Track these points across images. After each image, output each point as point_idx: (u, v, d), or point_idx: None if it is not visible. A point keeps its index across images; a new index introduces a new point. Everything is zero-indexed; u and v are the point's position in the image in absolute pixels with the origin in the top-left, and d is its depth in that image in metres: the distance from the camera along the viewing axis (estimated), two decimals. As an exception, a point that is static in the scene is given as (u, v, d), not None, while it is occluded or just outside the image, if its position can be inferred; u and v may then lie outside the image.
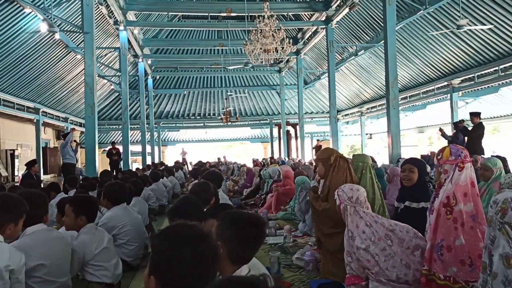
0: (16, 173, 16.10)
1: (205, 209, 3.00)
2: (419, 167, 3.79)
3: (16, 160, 16.48)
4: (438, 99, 15.76)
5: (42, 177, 15.17)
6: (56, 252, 2.88)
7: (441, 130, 11.07)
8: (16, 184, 10.41)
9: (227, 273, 1.82)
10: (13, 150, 16.52)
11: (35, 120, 16.79)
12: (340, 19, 15.19)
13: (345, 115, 23.57)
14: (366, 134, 22.82)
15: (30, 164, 10.08)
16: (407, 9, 12.67)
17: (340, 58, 18.39)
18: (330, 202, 3.73)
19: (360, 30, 16.33)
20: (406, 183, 3.80)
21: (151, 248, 1.39)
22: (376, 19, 14.79)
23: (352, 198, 3.07)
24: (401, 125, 10.41)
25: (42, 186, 8.18)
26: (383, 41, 10.69)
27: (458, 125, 10.60)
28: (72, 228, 3.35)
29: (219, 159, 22.04)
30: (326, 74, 16.99)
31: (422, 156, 11.47)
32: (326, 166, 3.91)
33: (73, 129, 13.55)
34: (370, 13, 14.80)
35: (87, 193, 4.94)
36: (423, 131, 22.41)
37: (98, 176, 8.70)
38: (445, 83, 14.34)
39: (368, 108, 21.02)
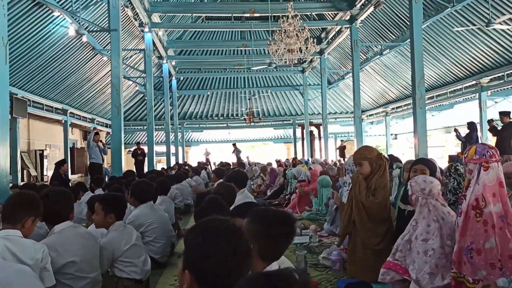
0: (45, 173, 16.49)
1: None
2: (430, 168, 3.71)
3: (45, 160, 16.88)
4: (466, 99, 15.43)
5: (70, 177, 15.49)
6: (85, 248, 2.92)
7: (456, 130, 10.88)
8: (45, 183, 10.65)
9: (258, 269, 1.81)
10: (42, 151, 16.92)
11: (63, 121, 17.16)
12: (364, 18, 15.02)
13: (370, 115, 23.31)
14: (391, 134, 22.52)
15: (60, 164, 10.29)
16: (434, 7, 12.44)
17: (365, 57, 18.19)
18: (379, 198, 3.68)
19: (385, 29, 16.13)
20: None
21: (184, 243, 1.39)
22: (402, 18, 14.58)
23: (424, 190, 3.01)
24: (428, 125, 10.22)
25: (69, 185, 8.34)
26: (409, 40, 10.51)
27: (471, 125, 10.42)
28: (101, 226, 3.41)
29: (242, 160, 22.09)
30: (350, 74, 16.85)
31: (450, 156, 11.24)
32: (373, 165, 3.82)
33: (95, 129, 13.76)
34: (396, 12, 14.59)
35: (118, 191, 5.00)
36: (450, 131, 21.96)
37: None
38: (473, 82, 14.03)
39: (393, 108, 20.73)
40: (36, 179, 15.54)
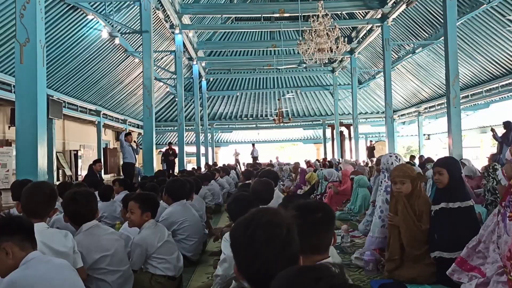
0: (79, 173, 16.91)
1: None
2: (448, 167, 3.59)
3: (79, 160, 17.31)
4: (502, 98, 14.96)
5: (103, 176, 15.82)
6: (112, 243, 3.00)
7: (492, 130, 10.52)
8: (80, 182, 10.89)
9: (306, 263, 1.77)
10: (76, 151, 17.35)
11: (96, 122, 17.55)
12: (396, 16, 14.75)
13: (402, 115, 22.90)
14: (424, 134, 22.05)
15: (94, 163, 10.53)
16: (469, 4, 12.11)
17: (396, 56, 17.88)
18: (424, 225, 3.62)
19: (418, 27, 15.80)
20: (438, 185, 3.65)
21: (229, 236, 1.38)
22: (435, 15, 14.24)
23: None
24: (462, 125, 9.94)
25: (103, 183, 8.48)
26: (442, 38, 10.28)
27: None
28: (137, 224, 3.46)
29: (271, 161, 22.04)
30: (382, 73, 16.60)
31: (491, 155, 10.84)
32: (414, 183, 3.73)
33: (125, 130, 13.99)
34: (429, 9, 14.28)
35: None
36: (486, 132, 21.31)
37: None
38: (510, 80, 13.58)
39: (426, 108, 20.30)
40: (71, 179, 15.94)
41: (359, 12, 16.84)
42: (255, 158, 21.94)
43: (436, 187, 3.86)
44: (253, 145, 23.35)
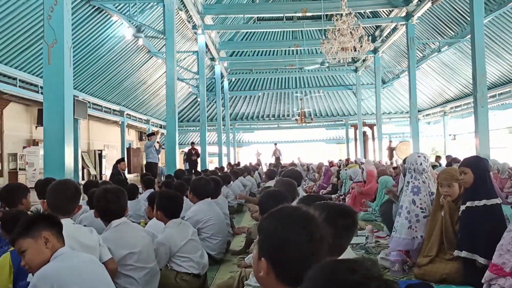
0: (103, 172, 17.18)
1: None
2: (471, 166, 3.55)
3: (103, 160, 17.59)
4: (532, 97, 14.56)
5: (126, 175, 16.03)
6: (140, 240, 3.03)
7: None
8: (106, 180, 11.07)
9: None
10: (101, 151, 17.64)
11: (120, 122, 17.80)
12: (421, 14, 14.50)
13: (426, 115, 22.53)
14: (450, 135, 21.64)
15: (118, 161, 10.70)
16: (497, 1, 11.82)
17: (421, 55, 17.60)
18: None
19: (444, 25, 15.51)
20: (464, 185, 3.60)
21: (258, 232, 1.38)
22: (462, 13, 13.96)
23: None
24: (490, 125, 9.70)
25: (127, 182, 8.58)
26: (469, 36, 10.07)
27: None
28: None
29: (293, 161, 21.93)
30: (406, 73, 16.37)
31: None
32: (461, 187, 3.74)
33: (157, 132, 14.16)
34: (455, 7, 14.00)
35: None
36: (514, 131, 20.78)
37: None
38: (540, 78, 13.20)
39: (452, 108, 19.93)
40: (95, 178, 16.20)
41: (383, 11, 16.63)
42: (277, 159, 21.86)
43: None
44: (275, 145, 23.22)
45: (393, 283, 0.92)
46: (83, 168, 15.53)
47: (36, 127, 13.52)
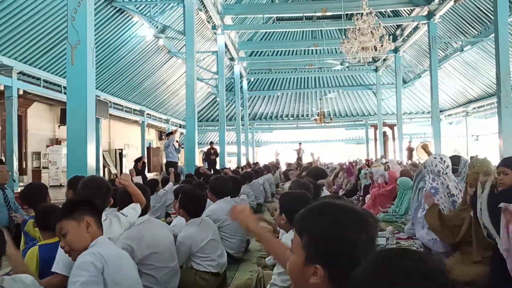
0: (123, 171, 17.39)
1: None
2: None
3: (124, 159, 17.81)
4: (558, 97, 14.16)
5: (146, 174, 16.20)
6: (164, 239, 3.04)
7: None
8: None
9: None
10: (121, 150, 17.87)
11: (140, 122, 17.99)
12: (443, 13, 14.28)
13: (448, 115, 22.18)
14: (472, 135, 21.25)
15: (137, 160, 10.83)
16: (522, -2, 11.56)
17: (443, 54, 17.33)
18: None
19: (466, 24, 15.24)
20: (501, 187, 3.43)
21: (307, 234, 1.22)
22: (485, 11, 13.70)
23: None
24: (514, 125, 9.49)
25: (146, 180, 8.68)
26: (493, 35, 9.87)
27: None
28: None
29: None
30: (427, 72, 16.14)
31: None
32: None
33: (175, 131, 14.27)
34: (478, 5, 13.75)
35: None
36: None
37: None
38: None
39: (474, 108, 19.57)
40: (116, 176, 16.39)
41: (404, 10, 16.43)
42: (299, 158, 21.70)
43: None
44: (300, 144, 22.87)
45: (458, 284, 0.89)
46: (104, 167, 15.75)
47: (59, 126, 13.77)
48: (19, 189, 8.12)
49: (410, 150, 20.16)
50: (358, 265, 0.99)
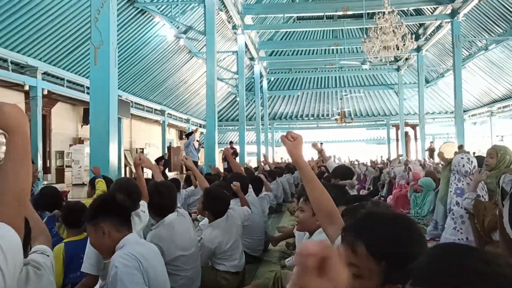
0: (144, 170, 17.54)
1: None
2: None
3: (145, 158, 17.97)
4: None
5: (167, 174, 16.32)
6: (190, 241, 3.04)
7: None
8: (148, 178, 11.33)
9: None
10: (142, 149, 18.03)
11: (161, 121, 18.15)
12: (467, 12, 14.00)
13: (472, 115, 21.75)
14: (497, 136, 20.79)
15: (159, 160, 10.93)
16: (549, -5, 11.27)
17: (467, 53, 17.00)
18: None
19: (491, 22, 14.92)
20: None
21: (364, 244, 1.17)
22: (510, 9, 13.39)
23: None
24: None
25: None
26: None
27: None
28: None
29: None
30: (451, 71, 15.87)
31: None
32: None
33: (196, 130, 14.34)
34: (503, 3, 13.46)
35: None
36: None
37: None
38: None
39: (499, 108, 19.15)
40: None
41: (427, 8, 16.18)
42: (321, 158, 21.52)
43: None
44: (321, 144, 22.70)
45: None
46: (125, 166, 15.94)
47: (81, 125, 13.97)
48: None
49: (431, 151, 19.85)
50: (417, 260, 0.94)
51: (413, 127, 21.29)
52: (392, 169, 8.24)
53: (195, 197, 6.05)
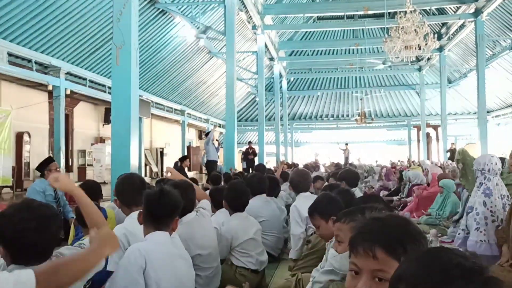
0: (164, 169, 17.72)
1: None
2: None
3: (165, 158, 18.14)
4: None
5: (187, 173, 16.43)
6: (209, 241, 3.07)
7: None
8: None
9: None
10: (162, 149, 18.21)
11: (181, 121, 18.29)
12: (491, 10, 13.72)
13: (496, 116, 21.32)
14: (521, 137, 20.36)
15: (182, 159, 11.00)
16: None
17: (491, 53, 16.67)
18: None
19: (517, 21, 14.61)
20: None
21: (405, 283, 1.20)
22: (537, 8, 13.09)
23: None
24: None
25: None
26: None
27: None
28: None
29: (352, 162, 21.46)
30: (474, 71, 15.58)
31: None
32: None
33: (214, 128, 14.40)
34: (529, 1, 13.15)
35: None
36: None
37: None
38: None
39: (525, 109, 18.74)
40: (157, 175, 16.75)
41: (450, 7, 15.92)
42: (346, 159, 21.32)
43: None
44: (346, 145, 22.37)
45: (498, 280, 0.84)
46: (145, 165, 16.11)
47: (103, 125, 14.18)
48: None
49: (452, 152, 19.54)
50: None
51: (435, 128, 20.95)
52: (408, 171, 8.13)
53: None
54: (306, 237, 3.76)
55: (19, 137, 10.31)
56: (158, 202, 2.27)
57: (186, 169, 10.77)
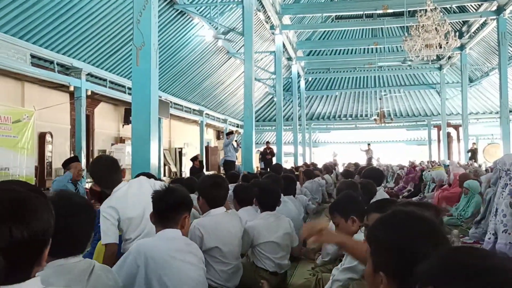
0: (183, 169, 17.85)
1: None
2: None
3: (183, 158, 18.26)
4: None
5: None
6: (230, 237, 3.08)
7: None
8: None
9: None
10: (181, 149, 18.32)
11: (199, 122, 18.38)
12: (514, 8, 13.46)
13: (519, 115, 20.86)
14: (546, 137, 19.86)
15: (193, 159, 11.10)
16: None
17: (514, 51, 16.34)
18: None
19: (540, 18, 14.28)
20: None
21: (374, 243, 1.22)
22: (562, 4, 12.76)
23: None
24: None
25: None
26: None
27: None
28: None
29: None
30: (496, 70, 15.30)
31: None
32: None
33: (236, 131, 14.47)
34: (554, -2, 12.83)
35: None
36: None
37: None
38: None
39: (548, 107, 18.28)
40: (176, 175, 16.86)
41: (471, 5, 15.66)
42: (369, 159, 21.12)
43: None
44: (369, 145, 22.15)
45: None
46: (164, 165, 16.23)
47: (123, 125, 14.32)
48: (87, 185, 8.55)
49: (473, 152, 19.21)
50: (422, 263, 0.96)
51: (456, 127, 20.62)
52: (429, 171, 8.05)
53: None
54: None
55: (41, 137, 10.47)
56: (162, 198, 2.32)
57: (204, 169, 10.86)
